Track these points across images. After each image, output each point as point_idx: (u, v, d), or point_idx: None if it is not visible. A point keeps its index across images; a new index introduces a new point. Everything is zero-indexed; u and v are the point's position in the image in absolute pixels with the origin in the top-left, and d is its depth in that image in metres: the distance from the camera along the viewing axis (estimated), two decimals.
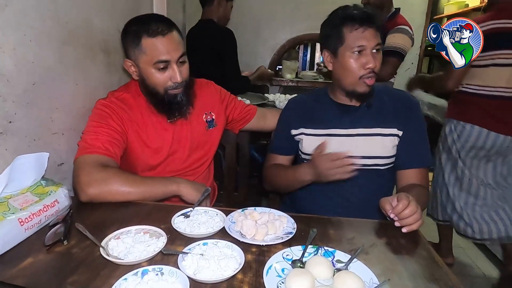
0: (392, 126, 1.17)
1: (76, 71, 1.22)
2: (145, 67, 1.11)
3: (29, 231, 0.82)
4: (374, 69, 1.11)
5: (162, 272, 0.69)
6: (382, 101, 1.19)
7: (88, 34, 1.28)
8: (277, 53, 3.49)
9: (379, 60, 1.12)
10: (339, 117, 1.20)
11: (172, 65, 1.11)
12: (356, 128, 1.18)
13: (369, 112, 1.18)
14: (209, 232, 0.85)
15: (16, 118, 0.97)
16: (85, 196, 0.98)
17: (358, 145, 1.17)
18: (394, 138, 1.16)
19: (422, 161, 1.18)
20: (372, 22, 1.08)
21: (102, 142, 1.07)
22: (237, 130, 1.49)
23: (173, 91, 1.14)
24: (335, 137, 1.19)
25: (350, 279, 0.67)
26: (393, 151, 1.17)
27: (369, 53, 1.09)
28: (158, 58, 1.08)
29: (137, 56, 1.11)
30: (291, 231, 0.87)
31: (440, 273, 0.75)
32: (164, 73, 1.11)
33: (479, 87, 1.76)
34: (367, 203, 1.14)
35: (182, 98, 1.17)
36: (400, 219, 0.89)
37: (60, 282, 0.68)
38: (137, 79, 1.18)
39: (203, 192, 1.05)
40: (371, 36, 1.08)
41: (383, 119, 1.17)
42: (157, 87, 1.13)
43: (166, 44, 1.09)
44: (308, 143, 1.23)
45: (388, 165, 1.19)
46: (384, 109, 1.18)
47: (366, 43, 1.08)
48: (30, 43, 1.00)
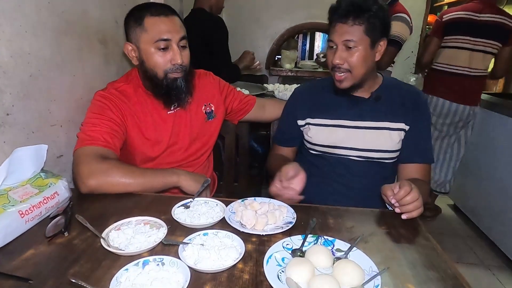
0: (400, 121, 1.15)
1: (73, 62, 1.21)
2: (145, 47, 1.10)
3: (29, 223, 0.82)
4: (342, 65, 1.09)
5: (163, 262, 0.70)
6: (391, 95, 1.17)
7: (84, 25, 1.26)
8: (276, 43, 3.45)
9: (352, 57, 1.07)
10: (347, 109, 1.18)
11: (173, 46, 1.10)
12: (364, 121, 1.17)
13: (377, 105, 1.17)
14: (209, 223, 0.85)
15: (14, 110, 0.96)
16: (85, 187, 0.98)
17: (365, 138, 1.16)
18: (401, 133, 1.16)
19: (425, 157, 1.17)
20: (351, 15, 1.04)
21: (102, 133, 1.06)
22: (237, 121, 1.49)
23: (173, 74, 1.12)
24: (342, 128, 1.18)
25: (349, 267, 0.68)
26: (399, 145, 1.17)
27: (338, 49, 1.08)
28: (159, 36, 1.08)
29: (138, 36, 1.10)
30: (291, 220, 0.87)
31: (439, 261, 0.76)
32: (165, 54, 1.10)
33: (445, 65, 2.27)
34: (370, 193, 1.14)
35: (182, 83, 1.15)
36: (401, 205, 0.89)
37: (62, 273, 0.68)
38: (137, 64, 1.16)
39: (203, 183, 1.05)
40: (342, 31, 1.06)
41: (392, 112, 1.16)
42: (157, 69, 1.11)
43: (168, 24, 1.09)
44: (314, 132, 1.22)
45: (393, 158, 1.19)
46: (393, 103, 1.16)
47: (335, 38, 1.08)
48: (25, 34, 0.98)
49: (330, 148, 1.20)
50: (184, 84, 1.15)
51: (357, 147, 1.17)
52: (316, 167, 1.25)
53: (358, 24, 1.05)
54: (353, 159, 1.19)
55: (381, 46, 1.10)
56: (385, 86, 1.19)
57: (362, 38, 1.06)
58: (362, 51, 1.07)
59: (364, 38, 1.06)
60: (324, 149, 1.21)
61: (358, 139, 1.16)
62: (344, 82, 1.12)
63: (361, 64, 1.09)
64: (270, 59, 3.51)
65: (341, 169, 1.21)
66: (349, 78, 1.11)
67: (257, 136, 2.38)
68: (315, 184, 1.25)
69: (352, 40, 1.05)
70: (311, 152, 1.26)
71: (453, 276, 0.71)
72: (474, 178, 2.44)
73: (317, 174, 1.23)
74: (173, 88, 1.14)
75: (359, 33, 1.05)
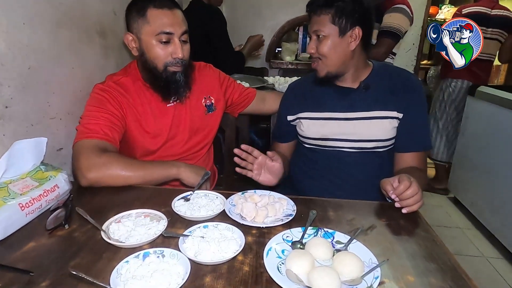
0: (391, 109, 1.14)
1: (72, 54, 1.20)
2: (147, 39, 1.10)
3: (30, 215, 0.82)
4: (314, 55, 1.13)
5: (163, 254, 0.70)
6: (382, 82, 1.16)
7: (83, 16, 1.25)
8: (277, 35, 3.42)
9: (320, 45, 1.11)
10: (337, 100, 1.18)
11: (175, 40, 1.10)
12: (355, 112, 1.16)
13: (367, 94, 1.16)
14: (209, 215, 0.85)
15: (13, 102, 0.96)
16: (85, 180, 0.98)
17: (356, 128, 1.15)
18: (394, 121, 1.14)
19: (421, 144, 1.16)
20: (318, 6, 1.08)
21: (101, 126, 1.06)
22: (237, 113, 1.48)
23: (172, 67, 1.12)
24: (333, 120, 1.18)
25: (349, 259, 0.68)
26: (393, 133, 1.16)
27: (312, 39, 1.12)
28: (161, 29, 1.07)
29: (140, 27, 1.09)
30: (291, 213, 0.88)
31: (439, 253, 0.76)
32: (166, 47, 1.10)
33: None
34: (368, 184, 1.14)
35: (181, 77, 1.15)
36: (401, 200, 0.89)
37: (62, 265, 0.69)
38: (136, 55, 1.15)
39: (203, 176, 1.05)
40: (313, 22, 1.11)
41: (382, 101, 1.15)
42: (157, 61, 1.11)
43: (171, 17, 1.09)
44: (306, 126, 1.22)
45: (388, 146, 1.18)
46: (383, 91, 1.15)
47: (309, 30, 1.12)
48: (23, 25, 0.97)
49: (322, 140, 1.20)
50: (183, 78, 1.15)
51: (350, 138, 1.16)
52: (311, 161, 1.25)
53: (325, 14, 1.08)
54: (347, 151, 1.18)
55: (356, 34, 1.09)
56: (375, 74, 1.17)
57: (329, 27, 1.08)
58: (330, 40, 1.09)
59: (331, 27, 1.08)
60: (316, 142, 1.21)
61: (350, 130, 1.16)
62: (319, 71, 1.15)
63: (331, 52, 1.10)
64: (270, 52, 3.48)
65: (335, 161, 1.20)
66: (322, 66, 1.14)
67: (258, 129, 2.37)
68: (311, 177, 1.25)
69: (319, 29, 1.09)
70: (305, 146, 1.26)
71: (452, 267, 0.71)
72: (474, 171, 2.44)
73: (313, 168, 1.23)
74: (172, 82, 1.14)
75: (325, 22, 1.08)
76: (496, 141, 2.21)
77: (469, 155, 2.51)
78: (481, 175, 2.35)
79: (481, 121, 2.38)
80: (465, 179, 2.56)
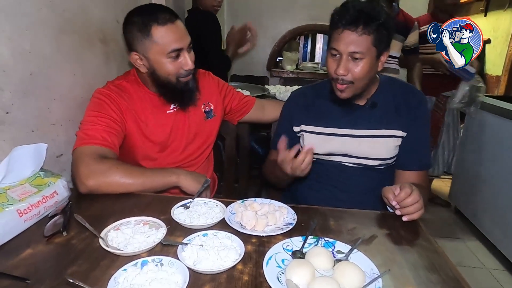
0: (396, 128, 1.12)
1: (74, 60, 1.21)
2: (156, 58, 1.10)
3: (28, 222, 0.82)
4: (345, 77, 1.01)
5: (162, 262, 0.69)
6: (387, 99, 1.14)
7: (85, 23, 1.26)
8: (278, 44, 3.46)
9: (356, 68, 1.00)
10: (342, 116, 1.15)
11: (184, 53, 1.11)
12: (359, 129, 1.13)
13: (373, 112, 1.13)
14: (209, 223, 0.84)
15: (14, 108, 0.96)
16: (84, 188, 0.97)
17: (360, 146, 1.14)
18: (398, 139, 1.13)
19: (423, 163, 1.15)
20: (361, 24, 0.95)
21: (100, 132, 1.06)
22: (236, 121, 1.48)
23: (184, 78, 1.14)
24: (337, 136, 1.16)
25: (350, 269, 0.67)
26: (396, 151, 1.14)
27: (343, 59, 1.00)
28: (171, 47, 1.08)
29: (147, 47, 1.08)
30: (291, 222, 0.87)
31: (440, 263, 0.75)
32: (176, 61, 1.11)
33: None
34: (368, 197, 1.13)
35: (193, 84, 1.18)
36: (402, 207, 0.88)
37: (59, 272, 0.68)
38: (145, 72, 1.15)
39: (203, 183, 1.05)
40: (349, 40, 0.97)
41: (388, 119, 1.12)
42: (170, 76, 1.12)
43: (177, 32, 1.09)
44: (309, 140, 1.20)
45: (390, 164, 1.17)
46: (388, 109, 1.13)
47: (341, 47, 0.99)
48: (26, 32, 0.98)
49: (325, 155, 1.19)
50: (194, 85, 1.19)
51: (353, 155, 1.15)
52: (312, 172, 1.24)
53: (367, 34, 0.96)
54: (349, 165, 1.17)
55: (384, 57, 1.05)
56: (381, 90, 1.15)
57: (370, 49, 0.98)
58: (368, 63, 1.00)
59: (372, 49, 0.99)
60: (319, 157, 1.19)
61: (354, 147, 1.14)
62: (345, 93, 1.06)
63: (365, 76, 1.02)
64: (271, 61, 3.51)
65: (337, 174, 1.19)
66: (351, 89, 1.05)
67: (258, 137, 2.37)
68: (311, 188, 1.24)
69: (359, 51, 0.97)
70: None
71: (454, 278, 0.70)
72: (475, 181, 2.43)
73: (314, 179, 1.22)
74: (186, 91, 1.17)
75: (367, 44, 0.97)
76: (497, 152, 2.21)
77: (470, 166, 2.51)
78: (483, 186, 2.34)
79: (482, 132, 2.38)
80: (466, 189, 2.55)
